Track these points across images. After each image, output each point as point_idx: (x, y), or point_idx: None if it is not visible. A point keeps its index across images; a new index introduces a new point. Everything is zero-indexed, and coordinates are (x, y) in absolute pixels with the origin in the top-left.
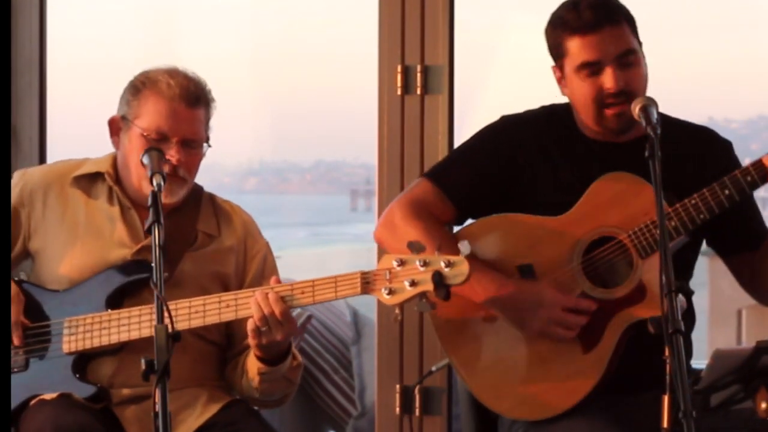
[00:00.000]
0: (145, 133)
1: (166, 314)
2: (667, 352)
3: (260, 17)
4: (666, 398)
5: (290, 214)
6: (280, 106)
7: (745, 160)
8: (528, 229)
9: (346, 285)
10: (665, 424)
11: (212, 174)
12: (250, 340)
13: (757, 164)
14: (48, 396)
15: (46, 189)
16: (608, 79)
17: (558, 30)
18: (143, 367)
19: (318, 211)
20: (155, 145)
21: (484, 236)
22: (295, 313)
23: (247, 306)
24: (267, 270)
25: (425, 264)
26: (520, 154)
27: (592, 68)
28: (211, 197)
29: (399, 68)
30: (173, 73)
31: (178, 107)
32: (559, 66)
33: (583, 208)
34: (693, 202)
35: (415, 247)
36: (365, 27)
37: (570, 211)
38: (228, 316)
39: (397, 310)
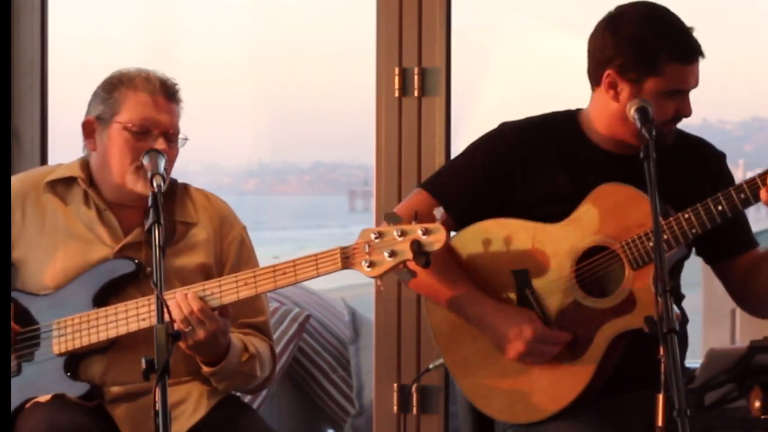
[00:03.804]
0: (129, 125)
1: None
2: (661, 352)
3: (259, 19)
4: (660, 397)
5: (289, 215)
6: (278, 107)
7: (740, 162)
8: (524, 235)
9: (326, 262)
10: (660, 423)
11: (212, 175)
12: (180, 344)
13: (751, 182)
14: (42, 398)
15: (23, 198)
16: (686, 106)
17: (661, 50)
18: (143, 366)
19: (317, 211)
20: (138, 138)
21: (480, 240)
22: (293, 312)
23: (229, 292)
24: (244, 254)
25: (403, 234)
26: (519, 164)
27: (677, 93)
28: (185, 186)
29: (396, 70)
30: (147, 71)
31: (159, 99)
32: (631, 79)
33: (580, 216)
34: (686, 216)
35: (391, 219)
36: (363, 29)
37: (568, 218)
38: (214, 303)
39: (378, 282)
